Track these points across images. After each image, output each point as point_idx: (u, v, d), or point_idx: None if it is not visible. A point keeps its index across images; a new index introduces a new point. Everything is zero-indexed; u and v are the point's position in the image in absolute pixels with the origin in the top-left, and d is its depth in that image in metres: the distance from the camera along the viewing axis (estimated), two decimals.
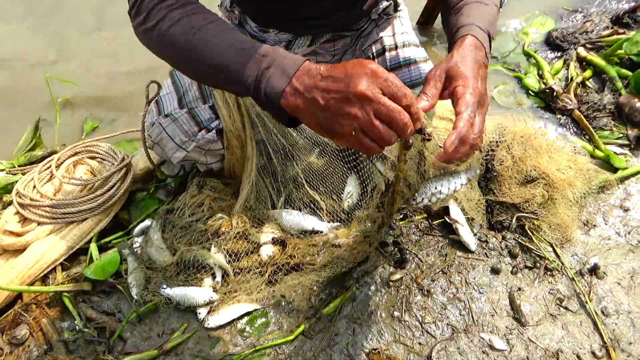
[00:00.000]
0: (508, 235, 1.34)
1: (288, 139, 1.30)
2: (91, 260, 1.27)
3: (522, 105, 1.79)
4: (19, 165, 1.58)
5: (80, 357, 1.13)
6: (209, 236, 1.24)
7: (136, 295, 1.20)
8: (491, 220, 1.36)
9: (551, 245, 1.32)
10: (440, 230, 1.35)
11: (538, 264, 1.28)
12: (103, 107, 1.86)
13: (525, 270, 1.27)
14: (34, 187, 1.38)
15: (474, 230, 1.34)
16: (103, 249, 1.32)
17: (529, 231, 1.33)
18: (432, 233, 1.35)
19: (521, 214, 1.35)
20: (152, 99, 1.26)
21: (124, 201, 1.43)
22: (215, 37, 0.80)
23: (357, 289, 1.22)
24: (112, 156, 1.49)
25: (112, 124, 1.81)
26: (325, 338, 1.14)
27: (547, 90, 1.75)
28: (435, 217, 1.37)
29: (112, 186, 1.38)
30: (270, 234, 1.26)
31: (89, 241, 1.33)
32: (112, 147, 1.52)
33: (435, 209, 1.37)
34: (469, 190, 1.37)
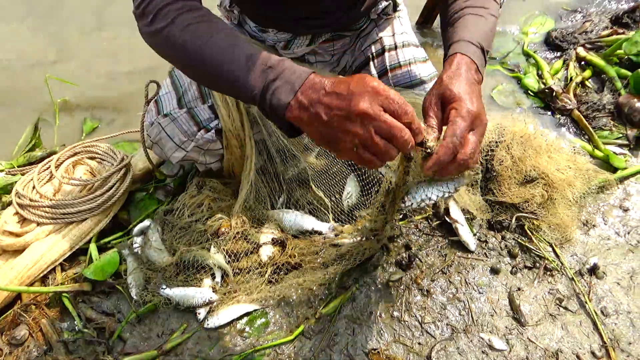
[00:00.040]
0: (507, 235, 1.34)
1: (288, 138, 1.30)
2: (91, 261, 1.27)
3: (522, 105, 1.79)
4: (19, 166, 1.58)
5: (79, 358, 1.12)
6: (208, 236, 1.24)
7: (136, 295, 1.20)
8: (491, 220, 1.36)
9: (551, 245, 1.32)
10: (440, 230, 1.35)
11: (537, 264, 1.28)
12: (102, 108, 1.86)
13: (525, 270, 1.27)
14: (34, 188, 1.38)
15: (474, 230, 1.34)
16: (102, 250, 1.32)
17: (528, 231, 1.33)
18: (432, 233, 1.35)
19: (521, 214, 1.35)
20: (152, 99, 1.26)
21: (123, 201, 1.43)
22: (224, 46, 0.81)
23: (357, 289, 1.22)
24: (112, 156, 1.49)
25: (112, 124, 1.81)
26: (324, 338, 1.14)
27: (547, 90, 1.75)
28: (435, 217, 1.37)
29: (112, 186, 1.38)
30: (269, 234, 1.26)
31: (89, 241, 1.33)
32: (112, 148, 1.52)
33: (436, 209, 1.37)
34: (470, 193, 1.37)
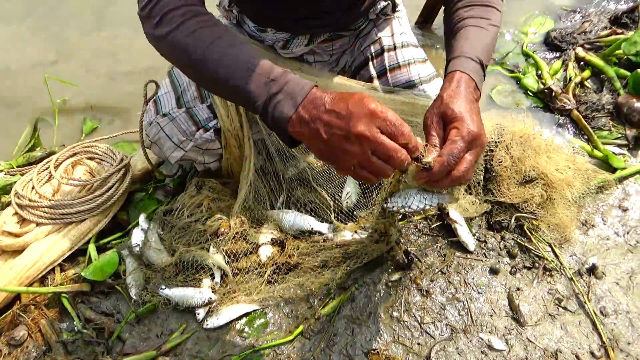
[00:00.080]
0: (507, 236, 1.34)
1: None
2: (90, 261, 1.27)
3: (521, 105, 1.79)
4: (18, 166, 1.58)
5: (79, 358, 1.12)
6: (207, 237, 1.24)
7: (135, 295, 1.19)
8: (490, 220, 1.36)
9: (550, 246, 1.32)
10: (439, 231, 1.35)
11: (537, 264, 1.28)
12: (102, 108, 1.86)
13: (524, 271, 1.27)
14: (33, 188, 1.38)
15: (473, 231, 1.34)
16: (102, 250, 1.32)
17: (527, 231, 1.33)
18: (431, 233, 1.35)
19: (520, 214, 1.35)
20: (150, 99, 1.26)
21: (122, 202, 1.43)
22: (229, 55, 0.82)
23: (356, 289, 1.22)
24: (111, 157, 1.49)
25: (111, 124, 1.81)
26: (324, 338, 1.14)
27: (546, 90, 1.75)
28: (434, 218, 1.37)
29: (111, 187, 1.38)
30: (269, 234, 1.26)
31: (88, 242, 1.33)
32: (111, 148, 1.52)
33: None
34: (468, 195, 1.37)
